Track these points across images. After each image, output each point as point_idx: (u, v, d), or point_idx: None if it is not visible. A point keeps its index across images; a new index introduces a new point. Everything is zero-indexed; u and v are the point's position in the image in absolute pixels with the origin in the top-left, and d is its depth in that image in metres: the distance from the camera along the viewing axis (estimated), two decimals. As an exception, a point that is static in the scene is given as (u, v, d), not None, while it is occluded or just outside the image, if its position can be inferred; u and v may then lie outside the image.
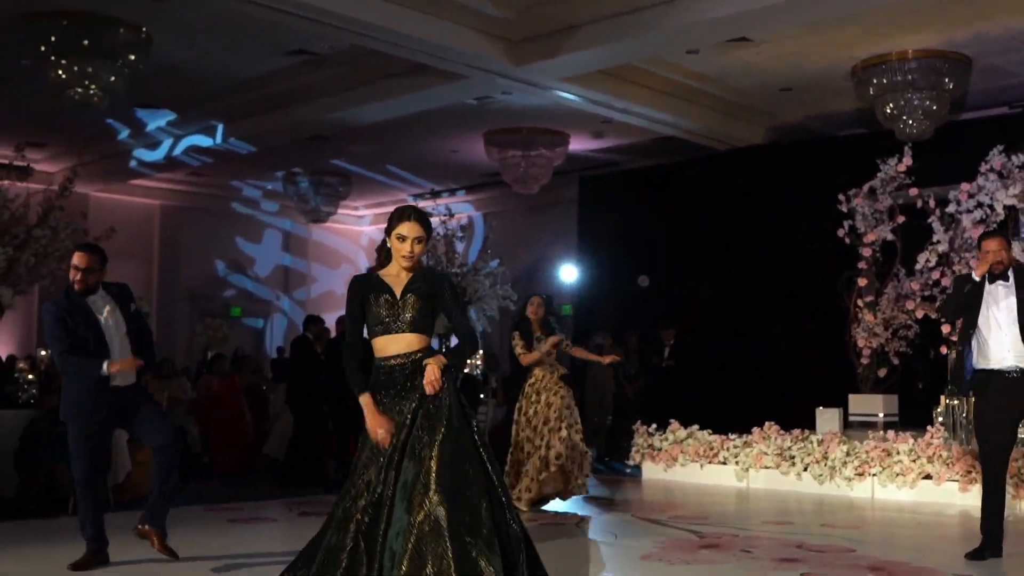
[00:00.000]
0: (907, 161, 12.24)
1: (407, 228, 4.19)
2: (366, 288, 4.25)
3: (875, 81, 12.52)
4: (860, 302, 12.61)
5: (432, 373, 4.01)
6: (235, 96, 13.89)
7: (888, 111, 12.64)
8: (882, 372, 12.43)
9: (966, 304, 6.20)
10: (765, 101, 14.28)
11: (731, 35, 11.44)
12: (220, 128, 15.16)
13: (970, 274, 6.38)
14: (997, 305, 6.06)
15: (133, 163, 16.85)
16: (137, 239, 19.07)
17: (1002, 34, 11.47)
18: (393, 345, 4.13)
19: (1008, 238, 6.65)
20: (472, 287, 12.32)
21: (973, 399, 6.86)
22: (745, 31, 11.27)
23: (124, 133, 15.73)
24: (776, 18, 10.64)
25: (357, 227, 23.30)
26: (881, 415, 12.20)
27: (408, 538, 3.72)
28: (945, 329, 11.35)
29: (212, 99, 14.05)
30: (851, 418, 12.30)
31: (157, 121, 15.21)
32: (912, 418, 12.20)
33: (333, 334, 10.45)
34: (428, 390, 3.99)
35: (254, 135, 15.17)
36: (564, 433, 7.61)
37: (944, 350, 11.48)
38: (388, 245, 4.25)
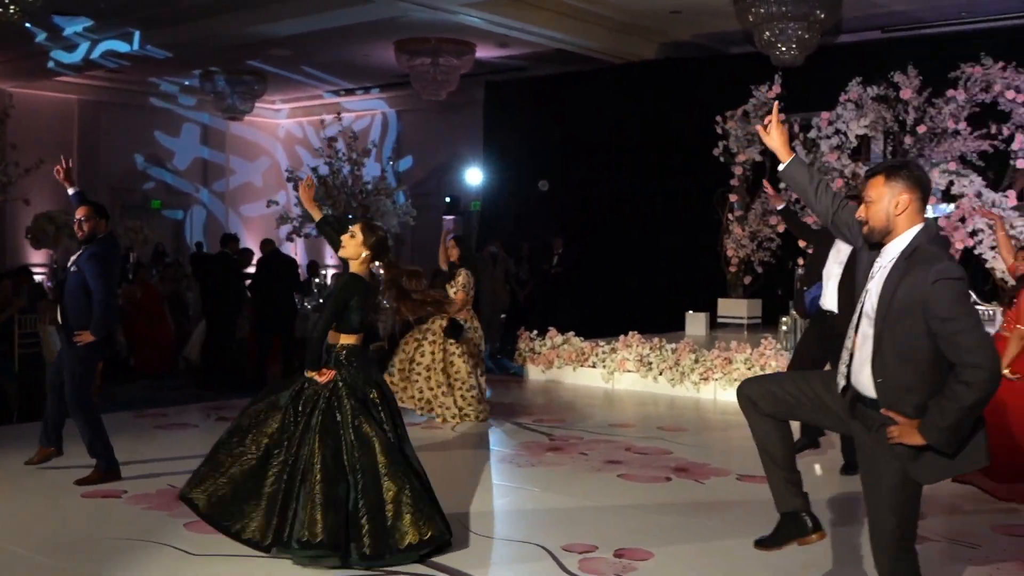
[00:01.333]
0: (776, 88, 13.42)
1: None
2: None
3: (753, 10, 13.47)
4: (731, 216, 13.95)
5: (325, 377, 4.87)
6: (152, 6, 14.42)
7: (765, 38, 13.64)
8: (747, 279, 13.87)
9: (820, 240, 7.07)
10: (656, 21, 15.21)
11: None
12: (137, 35, 15.68)
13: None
14: (839, 253, 6.59)
15: (51, 64, 17.28)
16: (57, 134, 19.57)
17: (870, -28, 12.54)
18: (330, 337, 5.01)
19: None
20: (375, 206, 13.30)
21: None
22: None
23: (41, 36, 16.13)
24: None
25: (274, 120, 23.87)
26: (745, 318, 13.70)
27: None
28: (802, 243, 12.72)
29: (128, 8, 14.55)
30: (719, 319, 13.78)
31: (74, 27, 15.65)
32: (773, 319, 13.70)
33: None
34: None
35: (171, 43, 15.73)
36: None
37: (801, 262, 12.83)
38: None
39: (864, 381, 3.50)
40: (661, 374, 10.42)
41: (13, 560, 4.91)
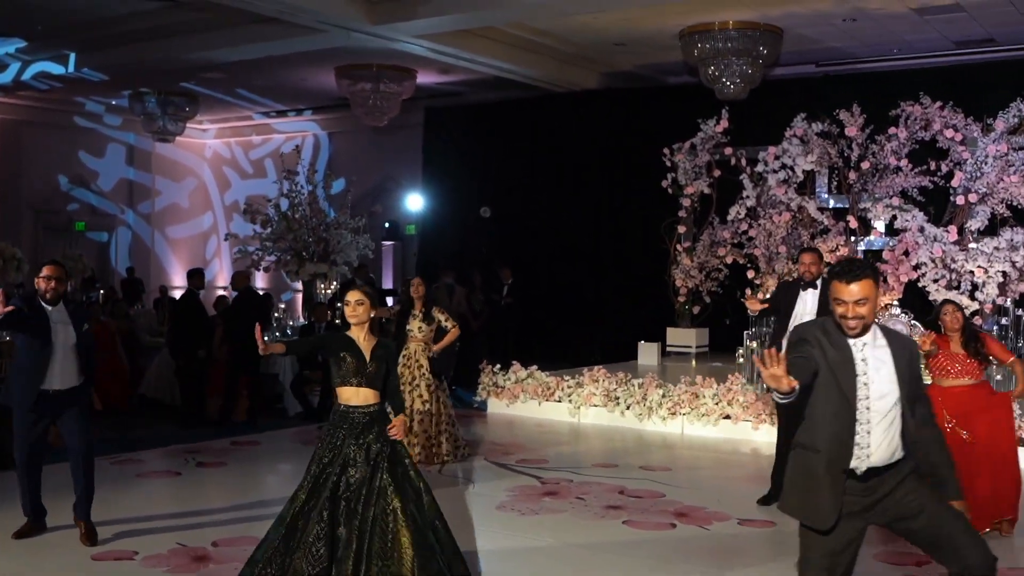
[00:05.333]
0: (724, 124, 13.75)
1: (352, 295, 5.09)
2: (340, 343, 5.04)
3: (699, 45, 13.76)
4: (679, 247, 14.22)
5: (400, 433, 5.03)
6: (90, 30, 14.10)
7: (710, 73, 13.94)
8: (696, 309, 14.14)
9: (783, 301, 7.68)
10: (600, 53, 15.45)
11: (571, 12, 12.69)
12: (73, 57, 15.30)
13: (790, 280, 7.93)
14: (805, 306, 7.47)
15: (-23, 84, 16.76)
16: (-23, 155, 18.94)
17: (809, 12, 12.94)
18: (355, 397, 4.99)
19: (820, 253, 8.02)
20: (335, 239, 13.24)
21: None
22: (581, 9, 12.51)
23: (-32, 57, 15.64)
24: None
25: (200, 140, 23.47)
26: (693, 346, 13.97)
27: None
28: (750, 275, 13.06)
29: (65, 32, 14.21)
30: (668, 348, 14.02)
31: (6, 47, 15.20)
32: (720, 347, 14.03)
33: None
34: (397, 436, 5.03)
35: (107, 66, 15.39)
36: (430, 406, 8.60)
37: (748, 292, 13.15)
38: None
39: (883, 454, 3.93)
40: (628, 408, 10.55)
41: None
